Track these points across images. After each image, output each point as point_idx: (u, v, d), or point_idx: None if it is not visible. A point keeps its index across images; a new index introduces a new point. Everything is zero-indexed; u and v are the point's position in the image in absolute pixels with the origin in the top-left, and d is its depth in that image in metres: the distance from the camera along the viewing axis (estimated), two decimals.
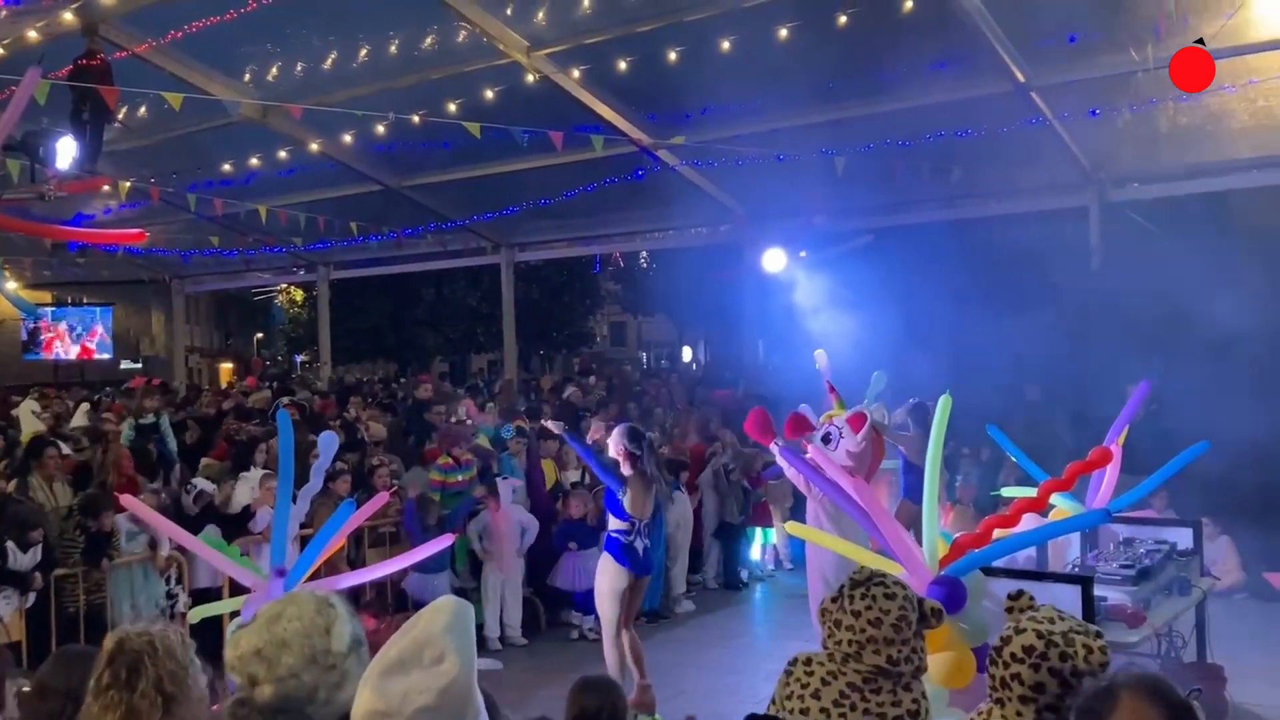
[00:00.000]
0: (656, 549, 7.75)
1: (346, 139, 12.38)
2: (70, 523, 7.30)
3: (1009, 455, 7.76)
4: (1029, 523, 5.49)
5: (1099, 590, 5.38)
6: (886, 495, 8.40)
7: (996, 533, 5.01)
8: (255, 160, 12.99)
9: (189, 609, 6.73)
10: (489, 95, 10.79)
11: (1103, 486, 6.58)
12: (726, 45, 9.63)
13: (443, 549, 6.83)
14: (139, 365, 27.56)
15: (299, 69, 11.27)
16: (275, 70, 11.40)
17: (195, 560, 7.61)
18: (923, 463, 5.43)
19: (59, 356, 25.60)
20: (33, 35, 9.70)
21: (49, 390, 15.66)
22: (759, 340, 16.60)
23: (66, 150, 9.50)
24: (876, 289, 11.63)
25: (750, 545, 10.97)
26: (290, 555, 5.73)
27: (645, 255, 27.75)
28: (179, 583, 7.79)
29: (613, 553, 6.75)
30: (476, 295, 31.23)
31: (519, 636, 8.82)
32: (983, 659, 3.24)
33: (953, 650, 4.56)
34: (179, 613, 7.37)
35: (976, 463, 10.19)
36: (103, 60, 9.91)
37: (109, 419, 10.30)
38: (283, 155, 12.86)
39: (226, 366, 35.92)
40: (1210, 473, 7.24)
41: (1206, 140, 10.76)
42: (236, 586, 6.45)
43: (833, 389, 7.27)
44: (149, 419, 9.89)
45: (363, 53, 10.85)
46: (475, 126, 10.10)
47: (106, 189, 13.00)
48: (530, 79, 10.60)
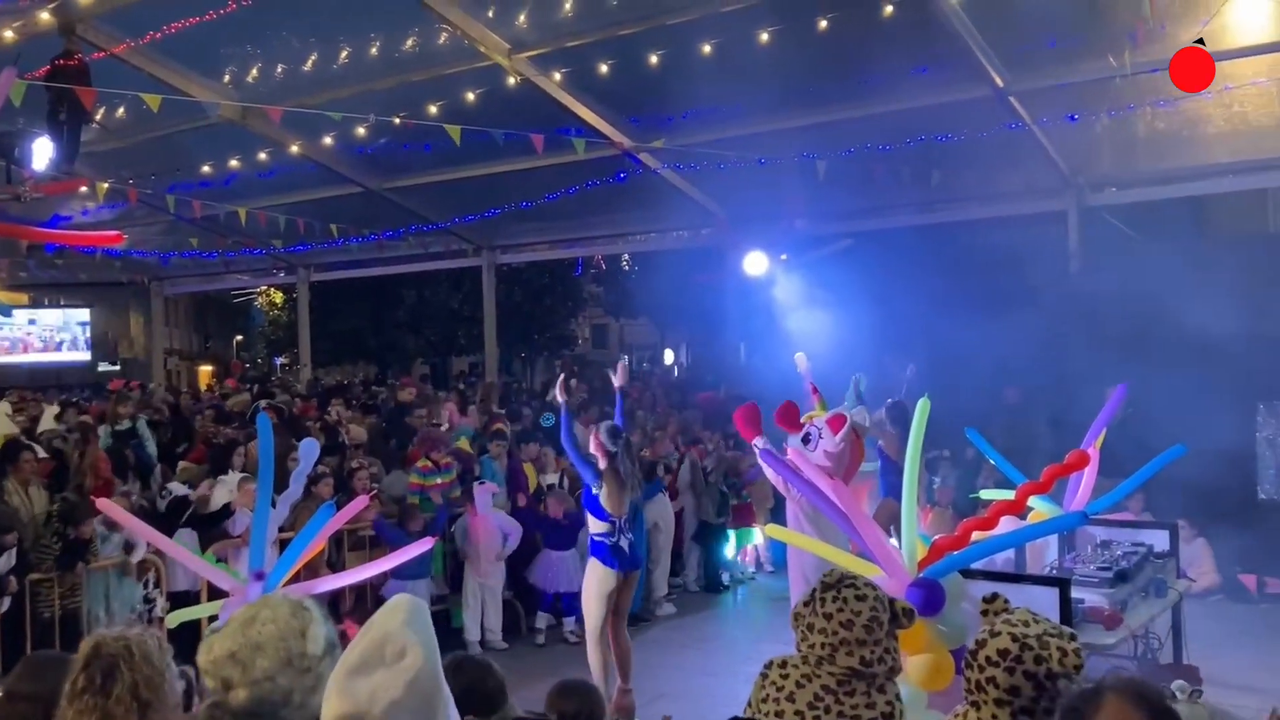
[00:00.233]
0: (640, 542, 7.75)
1: (327, 141, 12.30)
2: (48, 528, 7.24)
3: (988, 458, 7.82)
4: (1007, 525, 5.53)
5: (1076, 592, 5.43)
6: (866, 498, 8.44)
7: (975, 535, 5.04)
8: (235, 162, 12.89)
9: (167, 613, 6.65)
10: (470, 98, 10.75)
11: (1080, 489, 6.64)
12: (708, 49, 9.63)
13: (422, 553, 6.81)
14: (117, 368, 27.25)
15: (279, 70, 11.20)
16: (255, 71, 11.32)
17: (173, 564, 7.55)
18: (903, 461, 5.45)
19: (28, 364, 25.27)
20: (9, 35, 9.61)
21: (23, 393, 15.48)
22: (740, 343, 16.61)
23: (43, 151, 9.41)
24: (857, 292, 11.68)
25: (727, 546, 10.97)
26: (269, 559, 5.70)
27: (627, 258, 27.68)
28: (156, 586, 7.71)
29: (599, 556, 6.75)
30: (458, 298, 31.07)
31: (499, 640, 8.80)
32: (961, 661, 3.26)
33: (931, 652, 4.58)
34: (157, 617, 7.31)
35: (955, 465, 10.24)
36: (80, 60, 9.81)
37: (87, 421, 10.21)
38: (262, 157, 12.77)
39: (206, 369, 35.62)
40: (1187, 475, 7.30)
41: (1183, 145, 10.86)
42: (215, 590, 6.42)
43: (816, 390, 7.31)
44: (124, 425, 9.82)
45: (343, 54, 10.79)
46: (456, 130, 10.06)
47: (84, 190, 12.89)
48: (511, 82, 10.57)
